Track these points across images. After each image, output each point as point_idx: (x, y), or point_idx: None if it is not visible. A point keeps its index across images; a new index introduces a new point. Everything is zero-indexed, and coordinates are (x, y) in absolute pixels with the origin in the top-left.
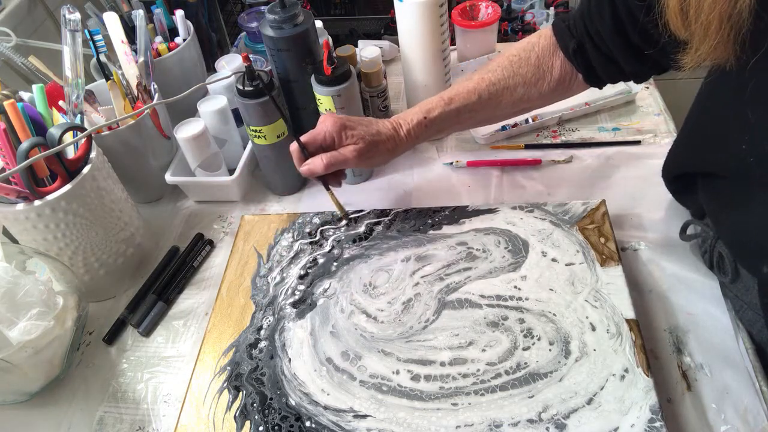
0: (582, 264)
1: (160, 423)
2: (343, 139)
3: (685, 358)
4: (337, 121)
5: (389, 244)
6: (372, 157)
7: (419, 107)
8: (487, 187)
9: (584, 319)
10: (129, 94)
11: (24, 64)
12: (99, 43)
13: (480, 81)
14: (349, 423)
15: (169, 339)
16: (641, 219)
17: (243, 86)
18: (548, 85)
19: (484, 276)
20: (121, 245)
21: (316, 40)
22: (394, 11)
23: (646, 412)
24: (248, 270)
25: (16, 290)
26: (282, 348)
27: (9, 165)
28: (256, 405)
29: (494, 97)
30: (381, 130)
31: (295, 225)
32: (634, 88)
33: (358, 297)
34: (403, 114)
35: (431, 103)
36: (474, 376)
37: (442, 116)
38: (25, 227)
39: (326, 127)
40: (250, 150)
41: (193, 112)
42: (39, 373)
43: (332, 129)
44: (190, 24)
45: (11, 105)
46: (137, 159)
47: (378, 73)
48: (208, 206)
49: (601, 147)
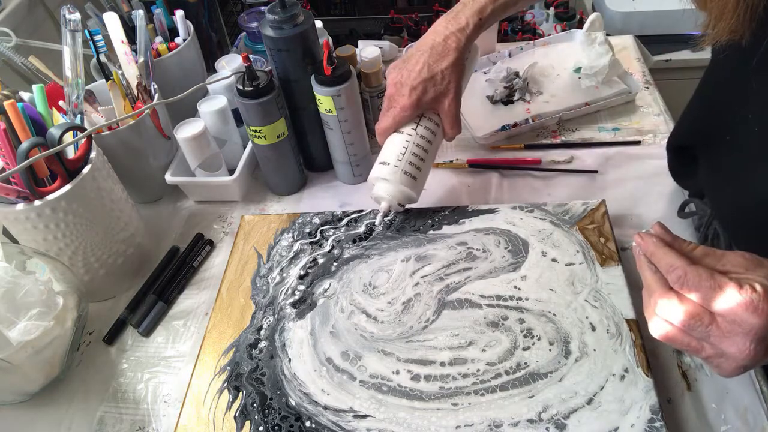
0: (582, 264)
1: (160, 423)
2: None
3: (685, 358)
4: (414, 104)
5: (389, 244)
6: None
7: (470, 8)
8: (487, 187)
9: (584, 319)
10: (129, 94)
11: (24, 64)
12: (99, 43)
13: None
14: (349, 423)
15: (169, 339)
16: (641, 219)
17: (243, 86)
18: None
19: (484, 276)
20: (121, 245)
21: (316, 40)
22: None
23: (646, 412)
24: (248, 270)
25: (16, 290)
26: (282, 348)
27: (9, 165)
28: (256, 405)
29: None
30: (451, 77)
31: (295, 225)
32: (634, 89)
33: (358, 297)
34: (455, 19)
35: (479, 2)
36: (474, 376)
37: (494, 12)
38: (25, 227)
39: (407, 113)
40: (250, 150)
41: (193, 112)
42: (39, 373)
43: (413, 113)
44: (190, 24)
45: (11, 105)
46: (137, 159)
47: (378, 73)
48: (208, 206)
49: (601, 147)
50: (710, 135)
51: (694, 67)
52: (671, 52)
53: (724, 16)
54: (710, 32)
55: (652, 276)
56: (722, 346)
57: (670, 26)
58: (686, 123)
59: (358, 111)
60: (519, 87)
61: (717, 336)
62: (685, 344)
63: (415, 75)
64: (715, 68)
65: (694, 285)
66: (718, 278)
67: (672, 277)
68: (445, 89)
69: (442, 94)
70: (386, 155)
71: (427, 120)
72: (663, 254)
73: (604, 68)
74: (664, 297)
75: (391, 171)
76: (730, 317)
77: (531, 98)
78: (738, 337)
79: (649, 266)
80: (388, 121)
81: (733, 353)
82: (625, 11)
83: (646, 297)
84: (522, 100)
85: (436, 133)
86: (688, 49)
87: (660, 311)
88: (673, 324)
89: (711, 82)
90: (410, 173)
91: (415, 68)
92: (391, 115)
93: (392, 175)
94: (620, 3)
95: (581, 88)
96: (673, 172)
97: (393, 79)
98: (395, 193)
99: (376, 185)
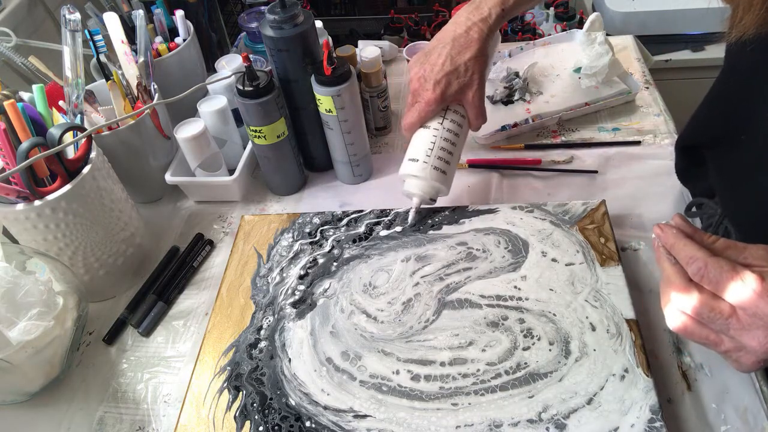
0: (582, 264)
1: (160, 423)
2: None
3: (685, 358)
4: (438, 98)
5: (389, 244)
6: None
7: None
8: (487, 187)
9: (584, 319)
10: (129, 94)
11: (24, 64)
12: (99, 43)
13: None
14: (349, 423)
15: (169, 339)
16: (641, 219)
17: (243, 86)
18: None
19: (484, 276)
20: (121, 245)
21: (316, 40)
22: (394, 11)
23: (646, 412)
24: (248, 270)
25: (16, 290)
26: (282, 348)
27: (9, 165)
28: (256, 405)
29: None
30: (475, 67)
31: (295, 225)
32: (634, 89)
33: (358, 297)
34: (477, 10)
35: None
36: (474, 376)
37: (517, 2)
38: (25, 227)
39: (433, 108)
40: (250, 150)
41: (193, 112)
42: (39, 373)
43: (438, 107)
44: (190, 24)
45: (11, 105)
46: (137, 159)
47: (378, 73)
48: (208, 206)
49: (601, 147)
50: (725, 134)
51: (694, 67)
52: (671, 52)
53: (753, 7)
54: (736, 26)
55: (671, 268)
56: (742, 340)
57: (670, 26)
58: (699, 122)
59: (358, 111)
60: (519, 87)
61: (737, 329)
62: (703, 337)
63: (438, 68)
64: (733, 65)
65: (715, 277)
66: (740, 270)
67: (692, 268)
68: (469, 81)
69: (466, 86)
70: (414, 151)
71: (453, 113)
72: (683, 246)
73: (604, 68)
74: (683, 289)
75: (420, 167)
76: (751, 310)
77: (531, 98)
78: (759, 331)
79: (668, 258)
80: (414, 117)
81: (753, 347)
82: (625, 11)
83: (664, 289)
84: (522, 100)
85: (463, 125)
86: (688, 49)
87: (678, 303)
88: (692, 316)
89: (727, 80)
90: (439, 168)
91: (438, 61)
92: (417, 110)
93: (422, 171)
94: (620, 3)
95: (581, 88)
96: (679, 174)
97: (416, 74)
98: (426, 188)
99: (407, 182)
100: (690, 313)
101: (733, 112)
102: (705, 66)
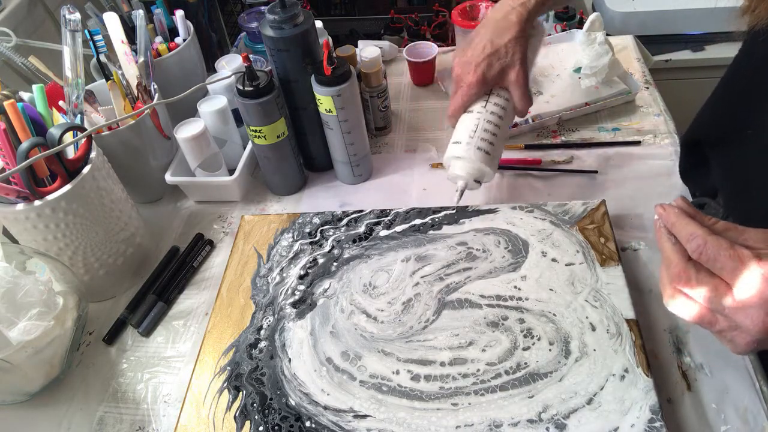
0: (582, 264)
1: (160, 423)
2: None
3: (685, 358)
4: (480, 80)
5: (389, 244)
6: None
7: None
8: (487, 187)
9: (584, 319)
10: (129, 94)
11: (24, 64)
12: (99, 43)
13: None
14: (349, 423)
15: (169, 339)
16: (641, 219)
17: (243, 86)
18: None
19: (484, 276)
20: (121, 245)
21: (316, 40)
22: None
23: (646, 412)
24: (248, 270)
25: (16, 290)
26: (282, 348)
27: (9, 165)
28: (256, 405)
29: None
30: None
31: (295, 225)
32: (634, 89)
33: (358, 297)
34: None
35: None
36: (474, 376)
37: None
38: (25, 227)
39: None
40: (250, 150)
41: (193, 112)
42: (39, 373)
43: (480, 90)
44: (190, 24)
45: (11, 105)
46: (137, 159)
47: (378, 73)
48: (208, 206)
49: (601, 147)
50: (732, 128)
51: (694, 67)
52: (671, 52)
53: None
54: (750, 15)
55: (671, 247)
56: (737, 318)
57: (670, 26)
58: (707, 116)
59: (358, 111)
60: None
61: (732, 307)
62: (699, 316)
63: (478, 52)
64: (745, 56)
65: (713, 254)
66: (738, 249)
67: (691, 245)
68: (510, 61)
69: (508, 67)
70: (458, 135)
71: (496, 96)
72: (684, 224)
73: (604, 68)
74: (681, 267)
75: (464, 149)
76: (747, 288)
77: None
78: (753, 309)
79: (669, 238)
80: (458, 102)
81: (747, 325)
82: (625, 11)
83: (663, 269)
84: None
85: (507, 108)
86: (688, 49)
87: (676, 281)
88: (688, 295)
89: (738, 72)
90: (483, 149)
91: (479, 46)
92: (459, 94)
93: (465, 152)
94: (620, 3)
95: (581, 88)
96: (683, 173)
97: (458, 61)
98: (470, 170)
99: (451, 165)
100: (686, 290)
101: (742, 104)
102: (705, 66)
